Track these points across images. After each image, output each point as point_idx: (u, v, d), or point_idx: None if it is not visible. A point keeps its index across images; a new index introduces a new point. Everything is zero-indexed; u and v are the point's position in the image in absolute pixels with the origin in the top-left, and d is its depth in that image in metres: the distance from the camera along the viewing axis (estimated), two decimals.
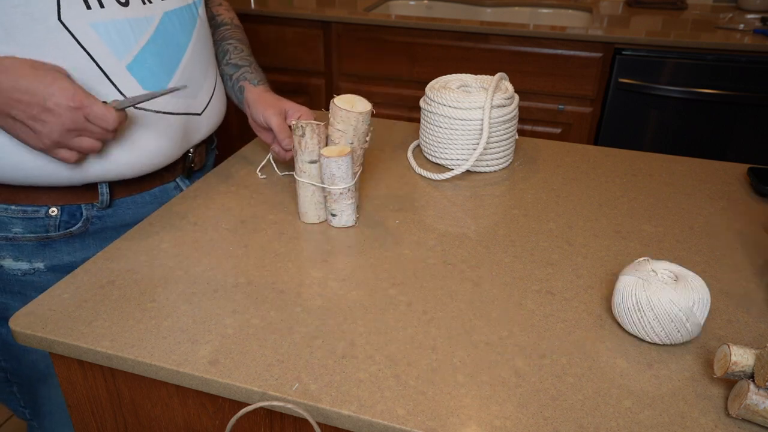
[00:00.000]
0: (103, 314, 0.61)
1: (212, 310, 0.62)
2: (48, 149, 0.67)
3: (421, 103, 0.94)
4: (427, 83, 0.96)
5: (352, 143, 0.75)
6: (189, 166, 0.90)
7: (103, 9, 0.70)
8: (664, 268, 0.59)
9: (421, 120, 0.95)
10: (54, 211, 0.77)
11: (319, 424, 0.53)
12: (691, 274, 0.58)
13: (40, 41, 0.66)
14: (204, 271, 0.68)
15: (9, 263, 0.78)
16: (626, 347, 0.58)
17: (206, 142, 0.94)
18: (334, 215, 0.76)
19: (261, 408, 0.57)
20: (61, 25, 0.67)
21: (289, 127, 0.84)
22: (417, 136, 1.04)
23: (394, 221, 0.79)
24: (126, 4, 0.72)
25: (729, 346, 0.50)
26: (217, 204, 0.82)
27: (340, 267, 0.69)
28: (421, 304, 0.63)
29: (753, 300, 0.65)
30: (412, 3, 2.20)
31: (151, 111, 0.77)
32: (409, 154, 0.96)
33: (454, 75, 0.97)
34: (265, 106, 0.85)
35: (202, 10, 0.86)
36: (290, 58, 1.99)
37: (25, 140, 0.67)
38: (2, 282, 0.79)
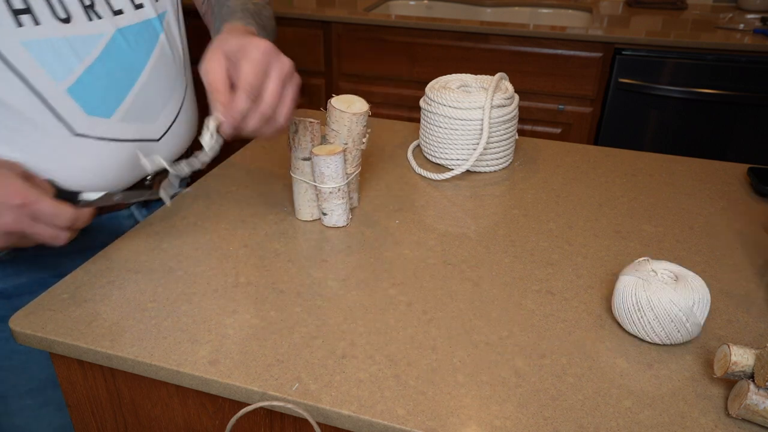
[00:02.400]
0: (103, 314, 0.61)
1: (212, 310, 0.62)
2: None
3: (421, 103, 0.94)
4: (427, 83, 0.96)
5: (346, 144, 0.75)
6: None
7: (38, 26, 0.63)
8: (664, 268, 0.59)
9: (421, 120, 0.95)
10: None
11: (319, 424, 0.53)
12: (691, 274, 0.58)
13: None
14: (204, 271, 0.68)
15: None
16: (626, 347, 0.58)
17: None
18: (324, 214, 0.76)
19: (261, 408, 0.57)
20: None
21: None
22: (417, 136, 1.04)
23: (394, 221, 0.79)
24: (67, 21, 0.65)
25: (729, 346, 0.50)
26: (217, 204, 0.82)
27: (340, 267, 0.69)
28: (421, 304, 0.63)
29: (753, 300, 0.65)
30: (412, 3, 2.20)
31: (93, 138, 0.70)
32: (409, 154, 0.96)
33: (454, 75, 0.97)
34: (210, 52, 0.64)
35: (168, 24, 0.78)
36: (290, 58, 1.98)
37: None
38: None
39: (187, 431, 0.62)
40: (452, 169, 0.88)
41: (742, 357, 0.50)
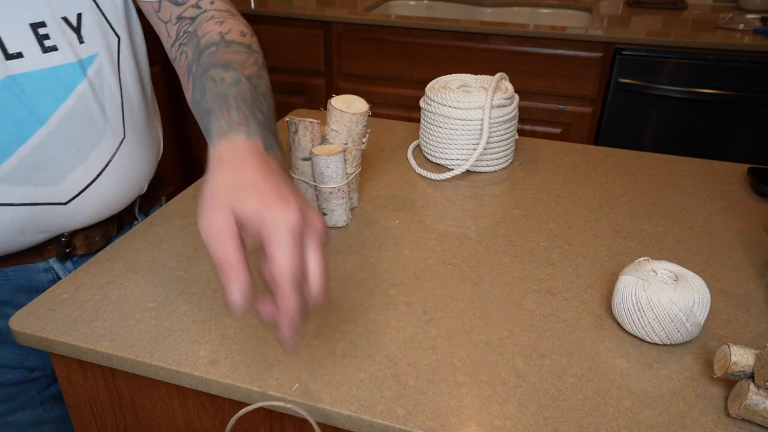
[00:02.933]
0: (103, 314, 0.61)
1: (212, 310, 0.62)
2: None
3: (421, 103, 0.94)
4: (427, 83, 0.97)
5: (346, 144, 0.75)
6: (64, 251, 0.74)
7: None
8: (664, 268, 0.59)
9: (421, 120, 0.95)
10: None
11: (319, 424, 0.53)
12: (691, 274, 0.58)
13: None
14: (204, 271, 0.68)
15: None
16: (626, 347, 0.58)
17: (104, 224, 0.76)
18: (325, 214, 0.76)
19: (261, 408, 0.57)
20: None
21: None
22: (417, 136, 1.04)
23: (394, 221, 0.79)
24: None
25: (729, 346, 0.50)
26: None
27: (339, 267, 0.69)
28: (421, 304, 0.63)
29: (753, 300, 0.65)
30: (412, 3, 2.20)
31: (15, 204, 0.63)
32: (409, 154, 0.96)
33: (454, 75, 0.97)
34: (213, 205, 0.47)
35: (100, 69, 0.68)
36: (290, 58, 1.99)
37: None
38: None
39: (187, 431, 0.62)
40: (452, 169, 0.88)
41: (742, 357, 0.50)
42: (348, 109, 0.73)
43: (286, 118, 0.74)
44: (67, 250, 0.74)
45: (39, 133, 0.63)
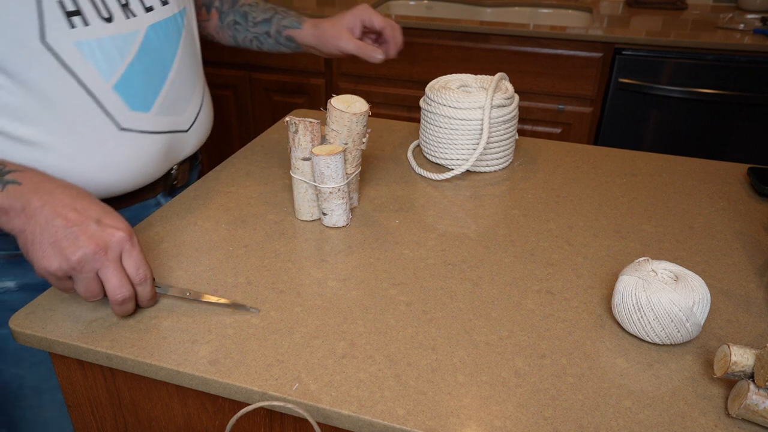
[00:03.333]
0: (103, 314, 0.61)
1: (212, 310, 0.62)
2: (60, 272, 0.55)
3: (421, 103, 0.94)
4: (427, 83, 0.97)
5: (346, 144, 0.75)
6: (171, 183, 0.87)
7: (87, 27, 0.67)
8: (664, 268, 0.59)
9: (421, 120, 0.95)
10: None
11: (319, 424, 0.53)
12: (691, 274, 0.58)
13: (25, 66, 0.64)
14: (204, 271, 0.68)
15: None
16: (626, 347, 0.58)
17: (190, 159, 0.91)
18: (324, 214, 0.76)
19: (261, 408, 0.57)
20: (44, 47, 0.64)
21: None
22: (417, 136, 1.04)
23: (394, 221, 0.79)
24: (110, 20, 0.69)
25: (729, 346, 0.50)
26: (217, 204, 0.82)
27: (340, 267, 0.69)
28: (421, 304, 0.63)
29: (753, 300, 0.65)
30: (412, 3, 2.20)
31: (136, 132, 0.74)
32: (409, 154, 0.96)
33: (454, 75, 0.97)
34: (330, 38, 0.87)
35: (188, 20, 0.82)
36: (290, 58, 1.98)
37: (31, 257, 0.56)
38: None
39: (187, 431, 0.62)
40: (452, 169, 0.88)
41: (742, 357, 0.50)
42: (348, 109, 0.73)
43: (286, 118, 0.74)
44: (174, 183, 0.87)
45: (171, 72, 0.77)
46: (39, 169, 0.61)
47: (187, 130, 0.83)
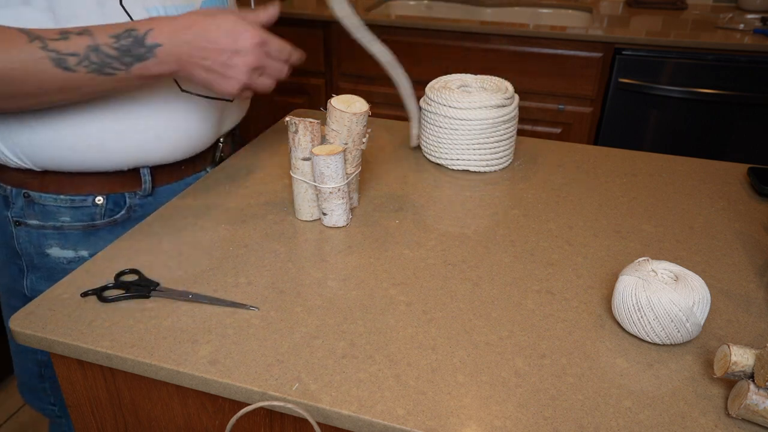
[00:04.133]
0: (103, 314, 0.61)
1: (212, 310, 0.62)
2: (237, 92, 0.71)
3: (421, 102, 0.94)
4: (427, 83, 0.97)
5: (346, 144, 0.75)
6: (219, 155, 0.93)
7: None
8: (664, 268, 0.59)
9: (421, 120, 0.95)
10: (100, 199, 0.80)
11: (319, 424, 0.53)
12: (691, 274, 0.58)
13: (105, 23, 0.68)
14: (204, 271, 0.68)
15: (56, 251, 0.81)
16: (626, 347, 0.58)
17: (232, 134, 0.96)
18: (324, 214, 0.76)
19: (261, 408, 0.57)
20: (123, 9, 0.70)
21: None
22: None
23: (394, 221, 0.79)
24: None
25: (729, 346, 0.50)
26: (217, 204, 0.82)
27: (340, 267, 0.69)
28: (421, 304, 0.63)
29: (753, 300, 0.65)
30: (412, 3, 2.20)
31: (194, 94, 0.79)
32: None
33: (454, 75, 0.97)
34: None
35: (231, 2, 0.86)
36: None
37: (218, 88, 0.70)
38: (48, 270, 0.82)
39: (187, 431, 0.62)
40: (452, 169, 0.88)
41: (742, 357, 0.50)
42: (348, 109, 0.73)
43: (286, 119, 0.74)
44: (221, 155, 0.92)
45: None
46: (160, 22, 0.67)
47: (231, 100, 0.88)
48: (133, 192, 0.82)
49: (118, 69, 0.65)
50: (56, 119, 0.72)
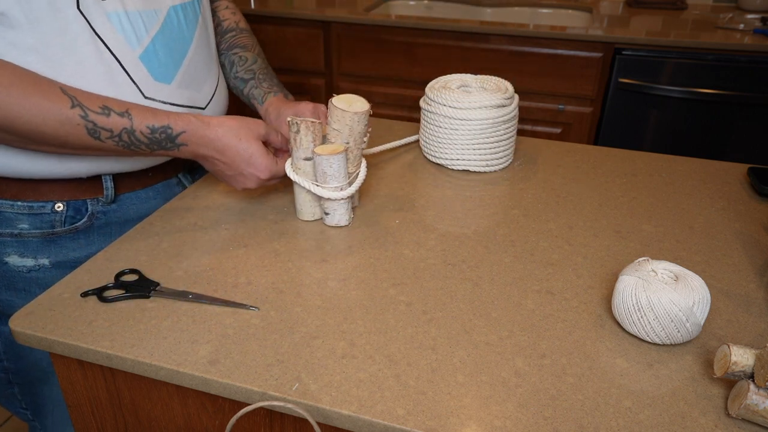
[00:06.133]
0: (103, 314, 0.61)
1: (212, 310, 0.62)
2: (238, 188, 0.78)
3: (421, 103, 0.94)
4: (427, 83, 0.97)
5: (347, 143, 0.75)
6: (191, 161, 0.91)
7: (116, 0, 0.72)
8: (664, 268, 0.59)
9: (421, 120, 0.95)
10: (60, 206, 0.78)
11: (319, 424, 0.53)
12: (691, 274, 0.58)
13: (60, 30, 0.68)
14: (204, 271, 0.68)
15: (14, 260, 0.78)
16: (626, 347, 0.58)
17: None
18: (327, 213, 0.76)
19: (261, 408, 0.57)
20: (80, 14, 0.69)
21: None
22: (416, 135, 1.04)
23: (394, 221, 0.79)
24: None
25: (729, 346, 0.50)
26: (217, 204, 0.82)
27: (340, 267, 0.69)
28: (421, 304, 0.63)
29: (753, 300, 0.65)
30: (412, 3, 2.20)
31: (159, 102, 0.78)
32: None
33: (454, 75, 0.97)
34: (273, 120, 0.89)
35: (204, 8, 0.86)
36: (290, 58, 1.99)
37: (226, 180, 0.77)
38: (7, 279, 0.79)
39: (187, 431, 0.62)
40: (452, 169, 0.88)
41: (742, 357, 0.50)
42: (349, 108, 0.73)
43: (288, 119, 0.74)
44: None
45: (191, 49, 0.81)
46: (194, 128, 0.72)
47: (204, 108, 0.86)
48: (95, 199, 0.80)
49: (143, 151, 0.71)
50: None
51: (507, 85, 0.93)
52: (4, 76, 0.62)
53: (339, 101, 0.74)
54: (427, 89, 0.93)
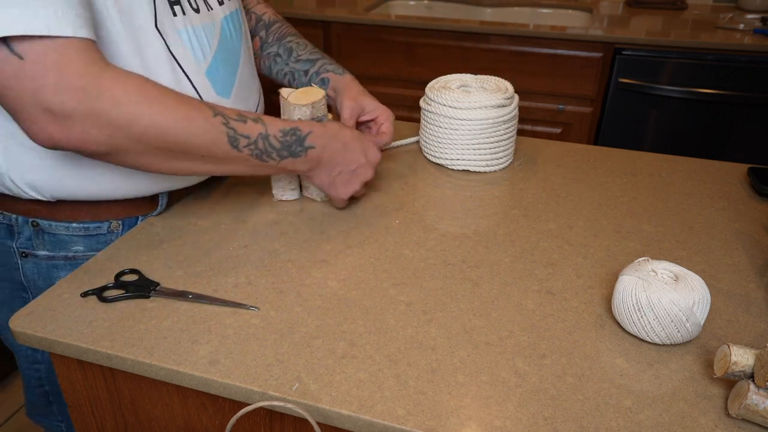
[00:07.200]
0: (103, 314, 0.61)
1: (212, 310, 0.62)
2: (347, 198, 0.79)
3: (421, 103, 0.94)
4: (427, 83, 0.97)
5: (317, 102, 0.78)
6: None
7: (185, 16, 0.72)
8: (664, 268, 0.59)
9: (421, 120, 0.95)
10: (116, 225, 0.76)
11: (319, 424, 0.53)
12: (691, 274, 0.58)
13: (139, 48, 0.67)
14: (204, 271, 0.68)
15: None
16: (626, 347, 0.58)
17: None
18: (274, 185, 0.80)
19: (261, 408, 0.57)
20: (158, 32, 0.68)
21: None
22: (417, 136, 1.04)
23: (394, 221, 0.79)
24: (198, 11, 0.74)
25: (729, 346, 0.50)
26: (217, 204, 0.82)
27: (340, 267, 0.69)
28: (421, 304, 0.63)
29: (753, 300, 0.65)
30: (412, 3, 2.20)
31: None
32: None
33: (454, 75, 0.97)
34: (346, 96, 0.88)
35: (244, 17, 0.86)
36: None
37: (335, 193, 0.77)
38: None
39: (187, 431, 0.62)
40: (452, 169, 0.88)
41: (742, 357, 0.50)
42: (304, 100, 0.75)
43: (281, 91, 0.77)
44: None
45: (241, 59, 0.82)
46: (317, 128, 0.73)
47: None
48: (147, 213, 0.79)
49: (273, 159, 0.70)
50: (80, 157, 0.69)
51: (507, 85, 0.93)
52: (155, 90, 0.61)
53: (294, 95, 0.77)
54: (427, 89, 0.93)
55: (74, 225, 0.74)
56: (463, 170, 0.92)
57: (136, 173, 0.72)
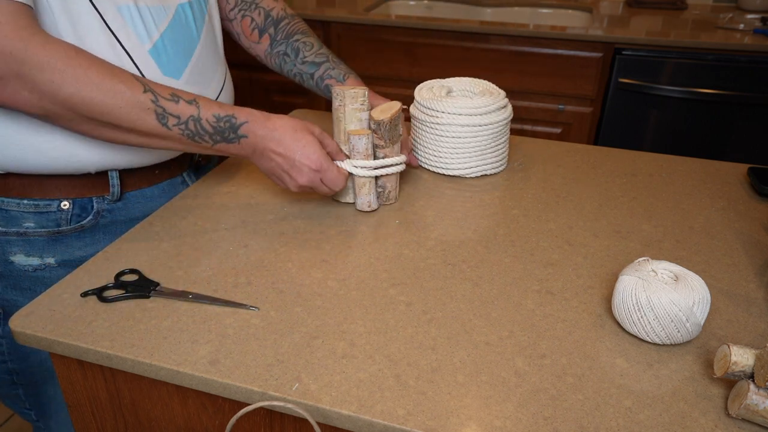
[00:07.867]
0: (103, 314, 0.61)
1: (212, 310, 0.62)
2: (285, 188, 0.79)
3: (411, 109, 0.94)
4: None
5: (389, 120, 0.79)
6: (197, 160, 0.92)
7: None
8: (664, 268, 0.59)
9: (412, 124, 0.94)
10: (66, 204, 0.78)
11: (319, 424, 0.53)
12: (691, 274, 0.58)
13: (71, 18, 0.69)
14: (204, 271, 0.68)
15: (20, 259, 0.78)
16: (626, 347, 0.58)
17: None
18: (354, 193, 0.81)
19: (261, 408, 0.57)
20: (92, 6, 0.70)
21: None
22: None
23: (394, 221, 0.79)
24: None
25: (729, 346, 0.50)
26: (217, 204, 0.82)
27: (340, 267, 0.69)
28: (421, 304, 0.63)
29: (753, 300, 0.65)
30: (412, 3, 2.20)
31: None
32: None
33: (436, 80, 0.97)
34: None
35: (210, 8, 0.87)
36: None
37: (276, 183, 0.79)
38: (12, 279, 0.79)
39: (187, 431, 0.62)
40: (452, 169, 0.88)
41: (742, 357, 0.50)
42: (382, 115, 0.77)
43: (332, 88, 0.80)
44: (199, 159, 0.93)
45: (198, 47, 0.82)
46: (256, 119, 0.74)
47: None
48: (101, 197, 0.79)
49: (206, 142, 0.72)
50: (20, 120, 0.71)
51: (495, 88, 0.92)
52: (83, 58, 0.64)
53: (377, 111, 0.78)
54: (415, 93, 0.93)
55: (25, 202, 0.77)
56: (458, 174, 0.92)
57: (76, 146, 0.74)
